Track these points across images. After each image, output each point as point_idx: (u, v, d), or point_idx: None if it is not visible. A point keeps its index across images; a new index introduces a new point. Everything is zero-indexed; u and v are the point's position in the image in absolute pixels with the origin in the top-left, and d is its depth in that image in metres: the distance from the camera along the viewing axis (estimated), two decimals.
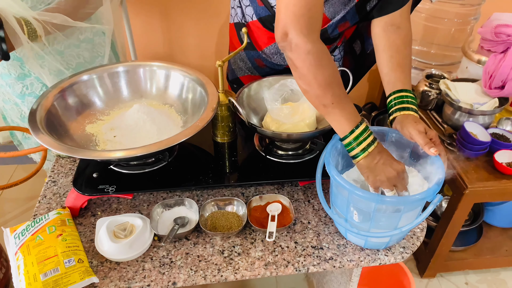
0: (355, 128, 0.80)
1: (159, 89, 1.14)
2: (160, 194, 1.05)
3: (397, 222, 0.82)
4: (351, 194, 0.80)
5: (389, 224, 0.83)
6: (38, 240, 0.86)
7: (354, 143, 0.81)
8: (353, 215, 0.85)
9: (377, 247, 0.91)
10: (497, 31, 1.48)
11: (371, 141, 0.81)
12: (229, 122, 1.08)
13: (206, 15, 1.95)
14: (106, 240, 0.87)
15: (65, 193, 1.05)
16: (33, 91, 1.17)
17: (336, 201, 0.89)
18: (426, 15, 1.84)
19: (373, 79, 2.31)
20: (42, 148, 0.95)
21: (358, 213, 0.84)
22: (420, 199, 0.78)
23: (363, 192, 0.78)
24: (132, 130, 1.01)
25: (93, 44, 1.22)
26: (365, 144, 0.81)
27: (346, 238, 0.94)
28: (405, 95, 0.93)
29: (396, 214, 0.81)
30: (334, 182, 0.85)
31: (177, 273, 0.86)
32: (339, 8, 1.05)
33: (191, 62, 2.10)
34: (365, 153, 0.81)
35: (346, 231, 0.91)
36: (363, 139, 0.81)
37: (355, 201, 0.82)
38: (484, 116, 1.44)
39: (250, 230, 0.96)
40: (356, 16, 1.07)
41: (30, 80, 1.15)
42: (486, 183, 1.35)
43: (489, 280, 1.78)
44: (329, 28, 1.10)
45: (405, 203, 0.80)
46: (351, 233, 0.90)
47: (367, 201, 0.79)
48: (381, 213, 0.81)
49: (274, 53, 1.21)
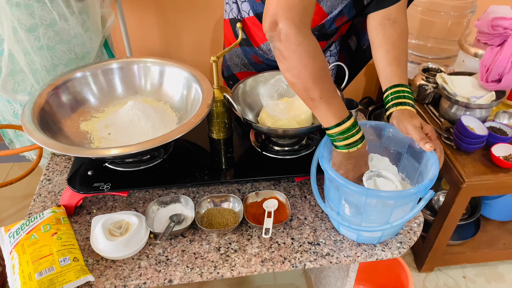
0: (341, 122, 0.80)
1: (153, 86, 1.13)
2: (156, 191, 1.04)
3: (389, 216, 0.82)
4: (342, 187, 0.80)
5: (380, 218, 0.83)
6: (33, 239, 0.85)
7: (340, 136, 0.81)
8: (345, 209, 0.85)
9: (370, 241, 0.91)
10: (494, 24, 1.47)
11: (357, 139, 0.81)
12: (224, 118, 1.07)
13: (201, 10, 1.94)
14: (101, 238, 0.86)
15: (60, 191, 1.04)
16: (25, 87, 1.16)
17: (329, 194, 0.89)
18: (422, 9, 1.83)
19: (370, 73, 2.31)
20: (36, 147, 0.95)
21: (349, 206, 0.84)
22: (412, 194, 0.77)
23: (354, 185, 0.78)
24: (127, 127, 1.01)
25: (83, 40, 1.21)
26: (350, 141, 0.81)
27: (340, 232, 0.94)
28: (401, 90, 0.93)
29: (387, 208, 0.81)
30: (326, 175, 0.85)
31: (173, 270, 0.85)
32: (336, 2, 1.04)
33: (186, 58, 2.09)
34: (345, 150, 0.82)
35: (338, 224, 0.91)
36: (350, 135, 0.80)
37: (346, 194, 0.82)
38: (481, 109, 1.43)
39: (246, 226, 0.95)
40: (353, 10, 1.06)
41: (21, 76, 1.14)
42: (483, 177, 1.35)
43: (487, 273, 1.78)
44: (327, 23, 1.09)
45: (396, 197, 0.79)
46: (343, 227, 0.90)
47: (357, 194, 0.79)
48: (371, 207, 0.81)
49: (270, 49, 1.21)
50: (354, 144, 0.81)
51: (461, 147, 1.40)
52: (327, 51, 1.27)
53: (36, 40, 1.06)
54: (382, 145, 0.96)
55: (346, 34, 1.30)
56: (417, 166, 0.91)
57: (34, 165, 1.15)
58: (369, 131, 0.95)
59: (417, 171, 0.91)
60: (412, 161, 0.93)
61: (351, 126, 0.80)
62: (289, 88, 1.08)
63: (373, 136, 0.96)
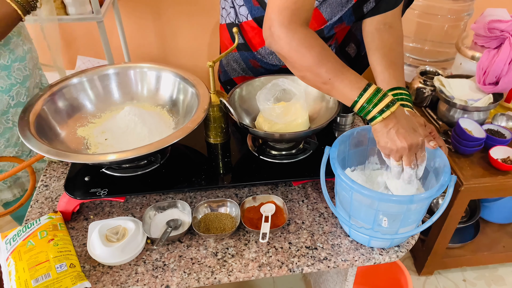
0: (362, 92, 0.76)
1: (150, 91, 1.13)
2: (153, 197, 1.04)
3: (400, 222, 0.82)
4: (354, 191, 0.79)
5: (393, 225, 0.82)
6: (30, 245, 0.85)
7: (369, 106, 0.75)
8: (382, 222, 0.82)
9: (382, 246, 0.91)
10: (491, 26, 1.47)
11: (390, 102, 0.75)
12: (221, 123, 1.07)
13: (198, 16, 1.95)
14: (98, 244, 0.86)
15: (57, 197, 1.04)
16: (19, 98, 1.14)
17: (359, 214, 0.84)
18: (419, 12, 1.84)
19: (368, 78, 2.30)
20: (39, 157, 0.93)
21: (388, 218, 0.81)
22: (425, 198, 0.78)
23: (366, 190, 0.77)
24: (124, 133, 1.01)
25: (8, 71, 1.11)
26: (383, 105, 0.74)
27: (350, 236, 0.93)
28: (399, 93, 0.93)
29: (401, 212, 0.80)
30: (357, 194, 0.80)
31: (170, 276, 0.85)
32: (336, 9, 1.05)
33: (183, 63, 2.10)
34: (379, 118, 0.75)
35: (349, 229, 0.91)
36: (378, 100, 0.75)
37: (385, 208, 0.79)
38: (478, 112, 1.43)
39: (243, 231, 0.95)
40: (352, 17, 1.07)
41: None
42: (481, 180, 1.35)
43: (487, 276, 1.78)
44: (326, 29, 1.09)
45: (408, 202, 0.78)
46: (373, 238, 0.89)
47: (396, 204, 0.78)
48: (410, 211, 0.80)
49: (270, 53, 1.21)
50: (386, 107, 0.75)
51: (459, 150, 1.40)
52: None
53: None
54: (369, 147, 0.96)
55: (343, 42, 1.30)
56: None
57: (30, 190, 1.12)
58: (357, 137, 0.94)
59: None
60: None
61: (375, 92, 0.75)
62: (286, 92, 1.08)
63: (363, 139, 0.96)
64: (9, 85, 1.10)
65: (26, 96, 1.16)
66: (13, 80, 1.11)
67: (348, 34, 1.27)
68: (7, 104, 1.12)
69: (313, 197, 1.04)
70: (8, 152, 1.18)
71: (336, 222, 0.98)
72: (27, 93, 1.17)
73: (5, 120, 1.13)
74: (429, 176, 0.89)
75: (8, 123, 1.15)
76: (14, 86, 1.11)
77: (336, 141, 0.89)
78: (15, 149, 1.19)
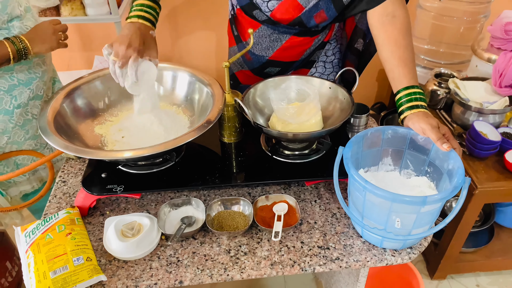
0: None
1: (166, 90, 1.15)
2: (168, 194, 1.06)
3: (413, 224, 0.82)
4: (367, 191, 0.80)
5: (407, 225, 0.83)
6: (48, 238, 0.87)
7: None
8: (395, 223, 0.82)
9: (394, 247, 0.91)
10: (507, 28, 1.46)
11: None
12: (235, 123, 1.08)
13: (210, 16, 1.97)
14: (114, 239, 0.88)
15: (75, 193, 1.06)
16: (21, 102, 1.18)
17: (372, 214, 0.85)
18: (434, 14, 1.83)
19: (381, 78, 2.30)
20: (58, 153, 0.96)
21: (401, 219, 0.82)
22: (439, 199, 0.78)
23: (379, 190, 0.77)
24: (140, 131, 1.03)
25: (29, 66, 1.17)
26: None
27: (363, 236, 0.94)
28: (413, 92, 0.92)
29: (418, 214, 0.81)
30: (370, 194, 0.81)
31: (183, 272, 0.86)
32: None
33: (195, 64, 2.13)
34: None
35: (362, 230, 0.91)
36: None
37: (398, 209, 0.80)
38: (494, 115, 1.42)
39: (256, 229, 0.96)
40: (331, 6, 1.06)
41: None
42: (496, 183, 1.33)
43: (501, 282, 1.75)
44: (303, 16, 1.08)
45: (422, 203, 0.78)
46: (386, 239, 0.89)
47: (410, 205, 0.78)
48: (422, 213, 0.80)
49: (255, 43, 1.21)
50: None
51: (473, 153, 1.39)
52: (321, 50, 1.28)
53: None
54: (382, 148, 0.97)
55: (351, 41, 1.30)
56: (424, 158, 0.92)
57: (48, 183, 1.19)
58: (371, 138, 0.94)
59: (425, 162, 0.92)
60: (416, 154, 0.94)
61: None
62: (300, 93, 1.09)
63: (377, 140, 0.96)
64: (29, 79, 1.16)
65: (43, 90, 1.22)
66: (33, 74, 1.17)
67: (355, 30, 1.27)
68: (28, 97, 1.17)
69: (326, 197, 1.05)
70: (27, 144, 1.23)
71: (348, 222, 0.98)
72: (44, 87, 1.22)
73: (25, 112, 1.19)
74: (443, 178, 0.89)
75: (28, 115, 1.20)
76: (34, 80, 1.18)
77: (349, 142, 0.89)
78: (34, 141, 1.24)
